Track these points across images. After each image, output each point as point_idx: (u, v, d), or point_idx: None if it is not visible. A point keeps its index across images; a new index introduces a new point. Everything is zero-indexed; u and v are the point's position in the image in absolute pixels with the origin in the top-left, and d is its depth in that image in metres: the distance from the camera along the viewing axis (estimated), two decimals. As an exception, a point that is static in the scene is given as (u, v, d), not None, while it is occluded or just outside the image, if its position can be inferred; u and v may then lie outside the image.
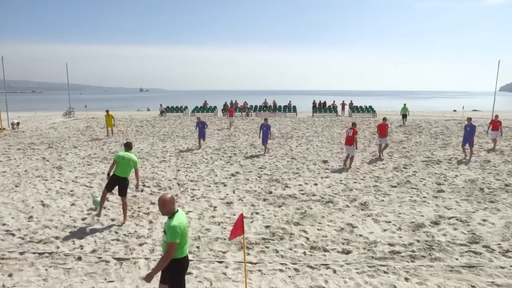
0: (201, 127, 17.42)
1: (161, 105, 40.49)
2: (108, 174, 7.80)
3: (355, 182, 11.15)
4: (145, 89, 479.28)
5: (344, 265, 6.04)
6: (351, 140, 12.95)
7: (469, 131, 14.28)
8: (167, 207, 4.06)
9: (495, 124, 16.74)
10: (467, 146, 14.48)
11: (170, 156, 15.37)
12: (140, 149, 16.93)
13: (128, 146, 8.02)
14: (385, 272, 5.80)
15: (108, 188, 7.80)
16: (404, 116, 28.26)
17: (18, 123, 25.25)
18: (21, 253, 6.42)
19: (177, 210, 4.16)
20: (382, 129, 14.81)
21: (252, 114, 36.64)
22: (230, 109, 28.78)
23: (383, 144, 14.91)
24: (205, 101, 41.81)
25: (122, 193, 7.80)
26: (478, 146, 17.26)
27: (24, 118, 33.33)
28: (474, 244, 6.81)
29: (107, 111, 21.88)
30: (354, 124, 13.43)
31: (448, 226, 7.69)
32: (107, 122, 21.21)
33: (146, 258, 6.28)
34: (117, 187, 7.79)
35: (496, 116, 17.32)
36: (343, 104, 38.10)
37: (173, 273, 4.13)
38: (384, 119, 15.38)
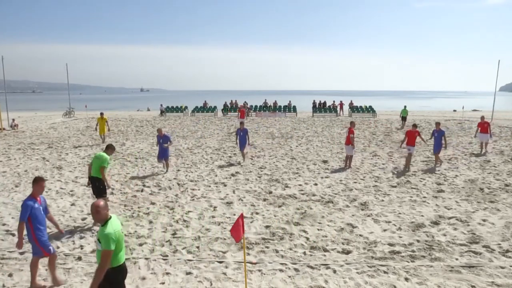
0: (162, 143, 12.39)
1: (161, 105, 40.54)
2: (88, 178, 7.97)
3: (355, 182, 11.15)
4: (145, 89, 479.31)
5: (344, 265, 6.04)
6: (347, 140, 13.16)
7: (437, 137, 12.98)
8: (101, 213, 3.86)
9: (483, 126, 15.49)
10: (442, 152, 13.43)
11: (170, 156, 15.35)
12: (140, 149, 16.93)
13: (106, 148, 7.99)
14: (385, 272, 5.80)
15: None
16: (404, 118, 27.21)
17: (16, 125, 25.40)
18: (21, 253, 6.41)
19: (111, 217, 3.98)
20: (411, 136, 12.96)
21: (252, 114, 36.65)
22: (241, 110, 25.96)
23: (412, 153, 13.07)
24: (205, 101, 41.82)
25: (95, 194, 7.83)
26: (478, 146, 17.23)
27: (24, 118, 33.36)
28: (474, 244, 6.80)
29: (101, 113, 19.08)
30: (352, 124, 13.44)
31: (448, 226, 7.69)
32: (100, 127, 18.46)
33: (146, 258, 6.28)
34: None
35: (482, 118, 16.07)
36: (341, 104, 38.09)
37: (109, 283, 3.93)
38: (414, 125, 13.33)
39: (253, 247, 6.73)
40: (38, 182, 5.30)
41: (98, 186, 7.75)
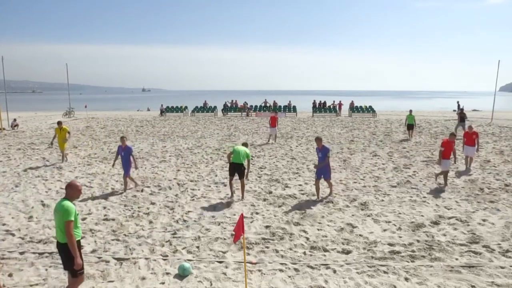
0: None
1: (161, 105, 40.60)
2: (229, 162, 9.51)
3: (355, 182, 11.14)
4: (147, 89, 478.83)
5: (344, 265, 6.04)
6: (440, 154, 10.82)
7: (321, 158, 9.31)
8: None
9: (470, 138, 12.72)
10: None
11: (170, 156, 15.36)
12: (140, 149, 16.93)
13: (245, 145, 9.99)
14: (385, 272, 5.80)
15: (230, 174, 9.48)
16: (411, 126, 20.02)
17: (17, 125, 25.45)
18: (21, 253, 6.42)
19: None
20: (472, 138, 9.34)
21: (252, 114, 36.67)
22: (273, 117, 19.25)
23: None
24: (205, 101, 41.84)
25: (241, 176, 9.40)
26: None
27: (24, 118, 33.37)
28: (474, 244, 6.80)
29: (58, 123, 14.35)
30: (451, 135, 10.77)
31: (448, 226, 7.69)
32: (59, 141, 13.98)
33: (146, 258, 6.28)
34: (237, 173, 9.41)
35: (470, 128, 13.16)
36: (339, 104, 38.13)
37: None
38: (470, 127, 9.71)
39: (253, 247, 6.73)
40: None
41: (243, 170, 9.38)
